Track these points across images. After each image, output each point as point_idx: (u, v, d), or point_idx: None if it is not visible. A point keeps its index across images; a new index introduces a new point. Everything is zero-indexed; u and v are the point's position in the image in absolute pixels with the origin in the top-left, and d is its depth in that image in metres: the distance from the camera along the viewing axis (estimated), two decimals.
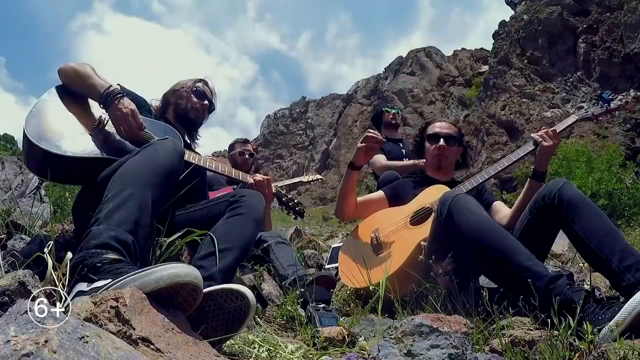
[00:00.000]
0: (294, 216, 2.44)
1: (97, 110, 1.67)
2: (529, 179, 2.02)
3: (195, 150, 2.10)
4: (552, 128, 2.06)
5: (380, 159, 3.86)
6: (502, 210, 2.13)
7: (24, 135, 1.46)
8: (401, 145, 3.90)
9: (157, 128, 1.82)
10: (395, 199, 2.29)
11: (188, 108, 2.08)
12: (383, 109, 4.12)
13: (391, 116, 4.03)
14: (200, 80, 2.18)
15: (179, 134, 1.88)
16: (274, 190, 2.10)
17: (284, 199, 2.35)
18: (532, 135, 2.08)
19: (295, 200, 2.39)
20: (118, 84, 1.81)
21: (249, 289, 1.05)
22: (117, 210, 1.14)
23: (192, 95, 2.10)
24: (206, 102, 2.14)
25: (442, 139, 2.31)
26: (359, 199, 2.30)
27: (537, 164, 2.02)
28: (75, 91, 1.68)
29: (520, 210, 1.87)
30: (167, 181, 1.35)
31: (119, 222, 1.11)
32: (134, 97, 1.87)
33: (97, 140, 1.58)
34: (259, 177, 2.07)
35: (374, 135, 2.09)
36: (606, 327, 1.13)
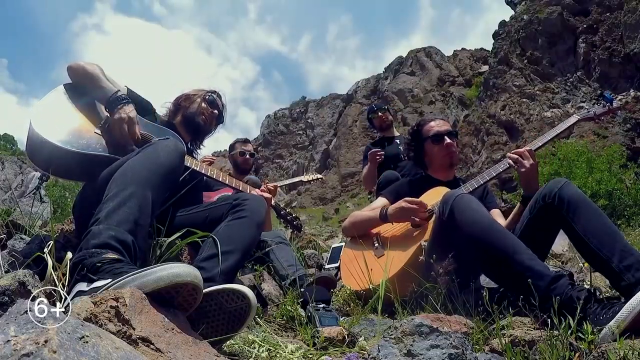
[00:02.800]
0: (291, 230, 2.45)
1: (103, 109, 1.67)
2: (518, 204, 1.96)
3: (194, 155, 2.10)
4: (528, 147, 1.97)
5: (364, 170, 3.88)
6: (498, 220, 2.10)
7: (30, 126, 1.47)
8: (398, 142, 3.90)
9: (160, 133, 1.82)
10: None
11: (197, 113, 2.08)
12: (370, 116, 4.11)
13: (380, 119, 4.01)
14: (214, 92, 2.20)
15: (181, 139, 1.89)
16: (273, 203, 2.11)
17: (282, 212, 2.36)
18: (509, 154, 1.98)
19: (293, 214, 2.41)
20: (125, 86, 1.81)
21: (249, 289, 1.05)
22: (117, 210, 1.14)
23: (204, 102, 2.11)
24: (216, 111, 2.15)
25: (445, 137, 2.30)
26: (364, 210, 2.30)
27: (524, 189, 1.94)
28: (83, 90, 1.68)
29: (510, 229, 1.84)
30: (167, 181, 1.35)
31: (119, 221, 1.11)
32: (140, 101, 1.87)
33: (103, 138, 1.58)
34: (258, 192, 2.07)
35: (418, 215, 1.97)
36: (607, 327, 1.13)
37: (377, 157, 3.60)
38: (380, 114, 4.02)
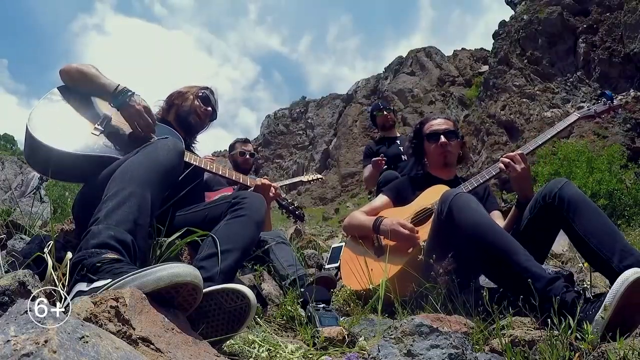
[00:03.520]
0: (293, 220, 2.44)
1: (98, 109, 1.67)
2: (514, 208, 1.94)
3: (194, 152, 2.10)
4: (519, 151, 1.94)
5: (365, 171, 3.89)
6: (497, 222, 2.09)
7: (27, 131, 1.46)
8: (398, 143, 3.91)
9: (158, 131, 1.83)
10: (399, 200, 2.28)
11: (190, 111, 2.07)
12: (375, 113, 4.13)
13: (384, 118, 4.04)
14: (206, 88, 2.19)
15: (179, 135, 1.89)
16: (271, 194, 2.10)
17: (283, 203, 2.35)
18: (501, 159, 1.95)
19: (295, 204, 2.40)
20: (119, 84, 1.81)
21: (249, 288, 1.05)
22: (117, 210, 1.14)
23: (197, 99, 2.10)
24: (209, 108, 2.14)
25: (442, 136, 2.29)
26: (364, 209, 2.30)
27: (517, 193, 1.92)
28: (80, 91, 1.67)
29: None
30: (167, 180, 1.35)
31: (118, 221, 1.11)
32: None
33: (99, 139, 1.58)
34: (259, 181, 2.07)
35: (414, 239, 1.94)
36: (596, 316, 1.14)
37: (380, 163, 3.61)
38: (385, 112, 4.05)
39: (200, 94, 2.13)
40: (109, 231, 1.07)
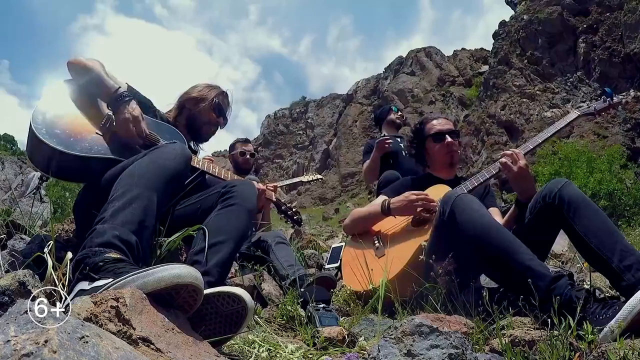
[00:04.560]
0: (291, 224, 2.44)
1: (103, 108, 1.66)
2: (513, 206, 1.94)
3: (196, 152, 2.09)
4: (517, 150, 1.93)
5: (365, 165, 3.89)
6: (495, 218, 2.09)
7: (30, 130, 1.45)
8: (399, 140, 3.93)
9: (162, 130, 1.81)
10: None
11: (203, 122, 2.02)
12: (393, 107, 4.25)
13: (397, 116, 4.15)
14: (222, 93, 2.10)
15: (184, 138, 1.87)
16: (274, 199, 2.09)
17: (282, 207, 2.35)
18: (500, 159, 1.94)
19: (294, 209, 2.39)
20: (126, 83, 1.80)
21: (247, 290, 1.05)
22: (123, 210, 1.14)
23: (212, 109, 2.03)
24: (222, 118, 2.08)
25: (447, 136, 2.29)
26: (364, 209, 2.30)
27: (516, 192, 1.91)
28: (83, 87, 1.65)
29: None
30: (173, 185, 1.35)
31: (124, 222, 1.11)
32: (140, 98, 1.86)
33: (104, 138, 1.57)
34: (261, 186, 2.06)
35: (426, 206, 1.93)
36: (607, 327, 1.13)
37: (386, 145, 3.58)
38: (400, 114, 4.22)
39: (216, 102, 2.04)
40: (114, 231, 1.07)
